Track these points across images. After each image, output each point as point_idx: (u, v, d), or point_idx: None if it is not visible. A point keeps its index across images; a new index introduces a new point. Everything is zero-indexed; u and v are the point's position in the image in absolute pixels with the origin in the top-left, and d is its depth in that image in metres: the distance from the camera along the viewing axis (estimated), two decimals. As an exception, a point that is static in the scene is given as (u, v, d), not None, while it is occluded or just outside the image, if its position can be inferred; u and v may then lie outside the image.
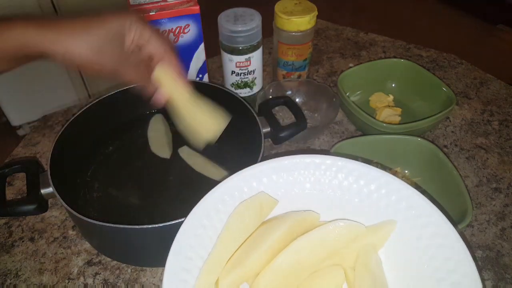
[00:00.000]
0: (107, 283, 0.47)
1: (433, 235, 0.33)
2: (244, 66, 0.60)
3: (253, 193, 0.38)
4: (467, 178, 0.58)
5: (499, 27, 2.05)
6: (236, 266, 0.34)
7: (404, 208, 0.35)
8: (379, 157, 0.56)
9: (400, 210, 0.35)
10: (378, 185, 0.36)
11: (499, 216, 0.53)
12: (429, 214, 0.33)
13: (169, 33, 0.55)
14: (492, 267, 0.48)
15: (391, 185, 0.35)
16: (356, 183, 0.37)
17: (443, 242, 0.32)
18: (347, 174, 0.37)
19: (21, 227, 0.53)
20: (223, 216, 0.36)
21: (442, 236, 0.32)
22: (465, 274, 0.30)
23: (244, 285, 0.36)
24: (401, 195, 0.35)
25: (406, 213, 0.34)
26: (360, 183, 0.37)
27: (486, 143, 0.63)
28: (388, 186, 0.35)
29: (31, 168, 0.47)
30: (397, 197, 0.35)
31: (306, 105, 0.67)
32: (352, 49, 0.82)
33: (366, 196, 0.36)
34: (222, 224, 0.36)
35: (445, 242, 0.32)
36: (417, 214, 0.34)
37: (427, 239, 0.33)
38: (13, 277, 0.48)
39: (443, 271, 0.31)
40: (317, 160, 0.37)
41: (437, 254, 0.32)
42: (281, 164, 0.38)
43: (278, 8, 0.62)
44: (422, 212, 0.34)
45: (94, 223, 0.40)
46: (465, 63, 0.78)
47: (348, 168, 0.37)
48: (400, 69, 0.68)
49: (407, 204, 0.34)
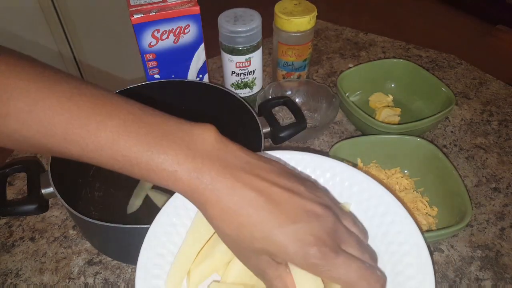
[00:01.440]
0: (107, 283, 0.47)
1: (384, 213, 0.36)
2: (244, 66, 0.61)
3: None
4: (466, 178, 0.58)
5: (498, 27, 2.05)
6: (206, 257, 0.35)
7: (357, 191, 0.38)
8: (378, 157, 0.56)
9: (353, 193, 0.38)
10: (333, 173, 0.39)
11: (498, 216, 0.53)
12: (379, 195, 0.37)
13: (169, 33, 0.56)
14: (491, 267, 0.48)
15: (344, 172, 0.38)
16: (313, 173, 0.39)
17: (393, 218, 0.35)
18: (305, 166, 0.39)
19: (21, 227, 0.53)
20: (191, 213, 0.37)
21: (392, 213, 0.36)
22: (414, 244, 0.34)
23: (215, 275, 0.37)
24: (354, 180, 0.38)
25: (359, 196, 0.37)
26: (316, 173, 0.39)
27: (485, 143, 0.63)
28: (342, 174, 0.38)
29: (31, 167, 0.47)
30: (350, 182, 0.38)
31: (306, 105, 0.67)
32: (352, 50, 0.82)
33: (323, 184, 0.39)
34: (191, 221, 0.37)
35: (395, 218, 0.35)
36: (369, 196, 0.37)
37: (380, 217, 0.36)
38: (14, 276, 0.48)
39: (395, 244, 0.34)
40: (277, 155, 0.39)
41: (389, 229, 0.35)
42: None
43: (278, 9, 0.62)
44: (373, 193, 0.37)
45: (95, 222, 0.41)
46: (465, 63, 0.78)
47: (306, 160, 0.39)
48: (399, 69, 0.68)
49: (359, 188, 0.38)
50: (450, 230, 0.44)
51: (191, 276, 0.35)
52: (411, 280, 0.33)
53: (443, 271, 0.48)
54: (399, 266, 0.34)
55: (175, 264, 0.34)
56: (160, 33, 0.55)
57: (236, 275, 0.35)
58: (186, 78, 0.62)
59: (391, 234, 0.35)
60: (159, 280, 0.33)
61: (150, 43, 0.56)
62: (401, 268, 0.33)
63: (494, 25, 2.06)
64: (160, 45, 0.56)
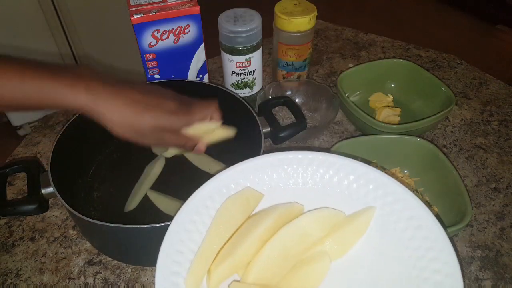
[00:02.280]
0: (107, 283, 0.47)
1: (410, 217, 0.35)
2: (244, 66, 0.61)
3: (240, 189, 0.39)
4: (466, 178, 0.58)
5: (498, 27, 2.05)
6: (227, 256, 0.35)
7: (381, 195, 0.37)
8: (378, 157, 0.56)
9: (378, 197, 0.37)
10: (357, 176, 0.38)
11: (498, 216, 0.53)
12: (405, 198, 0.36)
13: (169, 33, 0.56)
14: (491, 267, 0.48)
15: (368, 175, 0.38)
16: (336, 175, 0.39)
17: (420, 223, 0.34)
18: (328, 168, 0.39)
19: (21, 226, 0.53)
20: (212, 212, 0.38)
21: (418, 218, 0.35)
22: (441, 250, 0.33)
23: (235, 276, 0.37)
24: (378, 183, 0.37)
25: (383, 200, 0.37)
26: (340, 175, 0.39)
27: (485, 143, 0.63)
28: (366, 176, 0.38)
29: (31, 168, 0.47)
30: (374, 185, 0.37)
31: (306, 105, 0.67)
32: (352, 50, 0.82)
33: (346, 187, 0.39)
34: (211, 219, 0.37)
35: (422, 223, 0.34)
36: (394, 200, 0.36)
37: (405, 221, 0.35)
38: (14, 276, 0.48)
39: (422, 250, 0.34)
40: (299, 156, 0.40)
41: (415, 235, 0.34)
42: (266, 161, 0.40)
43: (278, 9, 0.62)
44: (399, 197, 0.36)
45: (95, 222, 0.41)
46: (465, 63, 0.78)
47: (329, 162, 0.39)
48: (399, 70, 0.68)
49: (384, 191, 0.37)
50: (450, 230, 0.44)
51: (211, 276, 0.35)
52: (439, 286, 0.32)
53: (443, 271, 0.48)
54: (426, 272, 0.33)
55: (195, 263, 0.35)
56: (160, 33, 0.55)
57: (256, 276, 0.35)
58: (186, 78, 0.62)
59: (418, 240, 0.34)
60: (179, 278, 0.34)
61: (150, 43, 0.56)
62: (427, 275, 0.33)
63: (494, 25, 2.06)
64: (160, 45, 0.56)
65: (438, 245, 0.33)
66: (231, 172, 0.39)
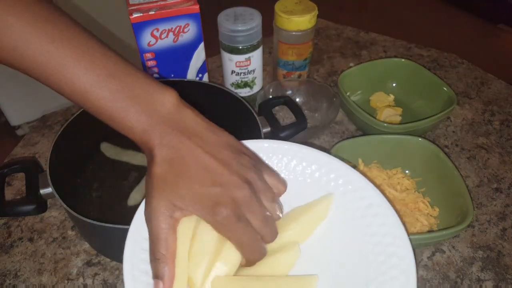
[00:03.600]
0: (106, 284, 0.47)
1: (369, 205, 0.37)
2: (244, 65, 0.60)
3: None
4: (468, 178, 0.58)
5: (500, 26, 2.04)
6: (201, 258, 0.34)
7: (342, 183, 0.39)
8: (379, 157, 0.55)
9: (338, 185, 0.39)
10: (319, 165, 0.40)
11: (500, 216, 0.53)
12: (363, 187, 0.38)
13: (168, 32, 0.55)
14: (493, 268, 0.48)
15: (330, 165, 0.39)
16: (300, 164, 0.40)
17: (377, 211, 0.36)
18: (292, 157, 0.40)
19: (20, 227, 0.53)
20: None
21: (376, 205, 0.37)
22: (396, 236, 0.35)
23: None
24: (339, 173, 0.39)
25: (344, 188, 0.38)
26: (303, 164, 0.40)
27: (487, 143, 0.63)
28: (328, 166, 0.39)
29: (30, 168, 0.47)
30: (336, 175, 0.39)
31: (307, 105, 0.67)
32: (353, 49, 0.82)
33: (309, 175, 0.40)
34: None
35: (379, 210, 0.36)
36: (353, 188, 0.38)
37: (364, 209, 0.37)
38: (12, 277, 0.47)
39: (378, 236, 0.35)
40: (265, 145, 0.40)
41: (373, 222, 0.36)
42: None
43: (278, 7, 0.61)
44: (358, 185, 0.38)
45: (94, 223, 0.40)
46: (466, 63, 0.78)
47: (293, 151, 0.40)
48: (401, 69, 0.68)
49: (344, 180, 0.39)
50: (452, 230, 0.44)
51: (194, 281, 0.33)
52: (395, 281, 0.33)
53: (445, 271, 0.48)
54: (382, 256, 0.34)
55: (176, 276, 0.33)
56: (159, 32, 0.55)
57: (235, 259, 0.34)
58: (186, 77, 0.61)
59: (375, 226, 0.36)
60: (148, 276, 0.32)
61: (149, 42, 0.55)
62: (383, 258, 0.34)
63: (496, 24, 2.06)
64: (160, 44, 0.56)
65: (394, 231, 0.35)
66: None
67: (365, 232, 0.36)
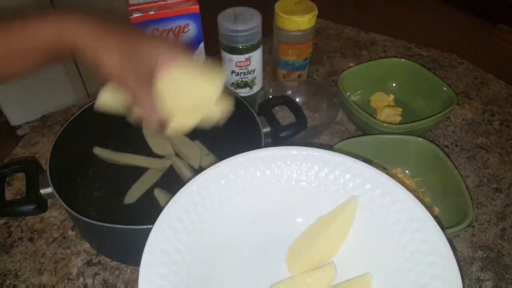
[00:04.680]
0: (106, 284, 0.47)
1: (401, 210, 0.35)
2: (244, 65, 0.60)
3: (231, 185, 0.38)
4: (467, 178, 0.58)
5: (500, 26, 2.04)
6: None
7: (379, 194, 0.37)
8: (379, 157, 0.55)
9: (375, 197, 0.37)
10: (353, 174, 0.38)
11: (499, 216, 0.53)
12: (393, 191, 0.36)
13: (168, 32, 0.55)
14: (492, 268, 0.48)
15: (365, 175, 0.38)
16: (332, 173, 0.38)
17: (411, 215, 0.35)
18: (323, 165, 0.39)
19: (20, 227, 0.53)
20: (200, 209, 0.37)
21: (408, 209, 0.35)
22: (434, 243, 0.33)
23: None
24: (376, 183, 0.37)
25: (372, 193, 0.37)
26: (335, 173, 0.38)
27: (487, 143, 0.63)
28: (363, 176, 0.38)
29: (30, 168, 0.47)
30: (372, 185, 0.37)
31: (307, 105, 0.67)
32: (353, 49, 0.82)
33: (341, 185, 0.38)
34: (199, 217, 0.36)
35: (413, 215, 0.35)
36: (384, 192, 0.36)
37: (396, 213, 0.35)
38: (13, 277, 0.47)
39: (414, 243, 0.34)
40: (293, 152, 0.39)
41: (407, 227, 0.34)
42: (258, 156, 0.39)
43: (278, 7, 0.61)
44: (388, 190, 0.36)
45: (94, 223, 0.40)
46: (466, 63, 0.78)
47: (325, 159, 0.38)
48: (400, 69, 0.68)
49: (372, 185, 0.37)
50: (451, 230, 0.44)
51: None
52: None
53: (444, 272, 0.48)
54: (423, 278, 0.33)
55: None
56: (159, 32, 0.55)
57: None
58: (186, 77, 0.61)
59: (410, 232, 0.34)
60: (164, 280, 0.32)
61: (150, 42, 0.55)
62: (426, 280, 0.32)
63: (495, 24, 2.05)
64: (160, 44, 0.56)
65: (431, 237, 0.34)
66: (220, 168, 0.38)
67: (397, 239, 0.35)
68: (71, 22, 0.36)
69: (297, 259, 0.38)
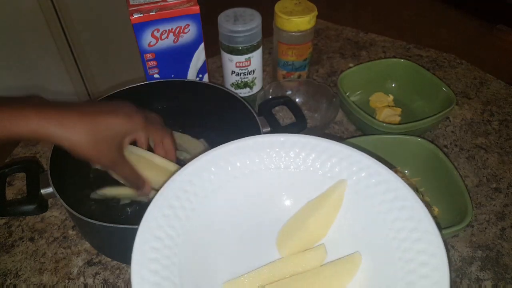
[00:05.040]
0: (107, 283, 0.47)
1: (386, 190, 0.36)
2: (244, 66, 0.60)
3: (222, 172, 0.39)
4: (467, 178, 0.58)
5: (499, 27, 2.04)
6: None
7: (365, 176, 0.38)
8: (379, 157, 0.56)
9: (361, 179, 0.38)
10: (340, 158, 0.39)
11: (499, 216, 0.53)
12: (378, 172, 0.37)
13: (169, 33, 0.55)
14: (492, 267, 0.48)
15: (351, 158, 0.38)
16: (319, 158, 0.39)
17: (396, 194, 0.35)
18: (310, 150, 0.39)
19: (21, 227, 0.53)
20: (191, 197, 0.37)
21: (393, 189, 0.36)
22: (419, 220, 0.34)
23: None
24: (361, 165, 0.38)
25: (358, 175, 0.38)
26: (322, 158, 0.39)
27: (486, 143, 0.63)
28: (349, 159, 0.38)
29: (31, 168, 0.47)
30: (358, 167, 0.38)
31: (306, 105, 0.67)
32: (352, 49, 0.82)
33: (328, 169, 0.39)
34: (191, 205, 0.37)
35: (398, 194, 0.35)
36: (369, 174, 0.37)
37: (381, 194, 0.36)
38: (13, 277, 0.48)
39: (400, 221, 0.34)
40: (281, 139, 0.39)
41: (392, 206, 0.35)
42: (247, 144, 0.40)
43: (278, 8, 0.62)
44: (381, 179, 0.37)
45: (94, 223, 0.40)
46: (465, 63, 0.78)
47: (311, 144, 0.39)
48: (400, 69, 0.68)
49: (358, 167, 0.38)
50: (451, 230, 0.44)
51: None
52: (425, 279, 0.32)
53: (444, 271, 0.48)
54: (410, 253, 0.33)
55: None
56: (159, 32, 0.55)
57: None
58: (186, 78, 0.61)
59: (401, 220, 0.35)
60: (156, 276, 0.32)
61: (150, 43, 0.56)
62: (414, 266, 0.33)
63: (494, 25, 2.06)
64: (160, 44, 0.56)
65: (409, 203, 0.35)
66: (211, 156, 0.38)
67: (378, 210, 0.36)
68: (31, 111, 0.36)
69: (287, 242, 0.38)
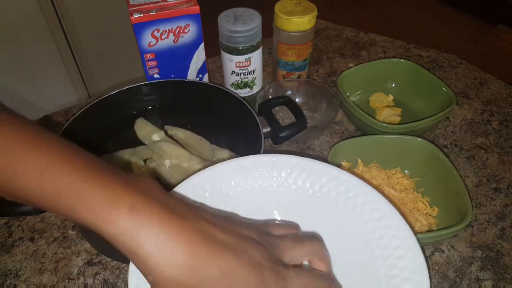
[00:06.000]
0: (107, 283, 0.47)
1: (379, 218, 0.37)
2: (244, 66, 0.60)
3: (215, 191, 0.39)
4: (467, 178, 0.58)
5: (499, 27, 2.05)
6: None
7: (352, 196, 0.39)
8: (378, 157, 0.56)
9: (349, 198, 0.39)
10: (329, 178, 0.40)
11: (499, 216, 0.53)
12: (375, 200, 0.38)
13: (169, 33, 0.55)
14: (492, 267, 0.48)
15: (340, 177, 0.40)
16: (309, 178, 0.40)
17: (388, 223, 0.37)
18: (301, 171, 0.40)
19: (21, 227, 0.53)
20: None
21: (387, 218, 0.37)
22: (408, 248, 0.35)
23: None
24: (348, 186, 0.39)
25: (354, 201, 0.39)
26: (312, 178, 0.40)
27: (486, 143, 0.63)
28: (338, 179, 0.40)
29: (31, 168, 0.47)
30: (345, 188, 0.39)
31: (306, 105, 0.67)
32: (352, 49, 0.82)
33: (318, 189, 0.40)
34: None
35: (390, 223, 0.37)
36: (363, 201, 0.39)
37: (375, 222, 0.38)
38: (13, 277, 0.48)
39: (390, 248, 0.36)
40: (274, 159, 0.41)
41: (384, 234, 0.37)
42: (241, 163, 0.41)
43: (278, 8, 0.62)
44: (368, 199, 0.38)
45: (94, 223, 0.40)
46: (465, 63, 0.78)
47: (301, 165, 0.40)
48: (400, 69, 0.68)
49: (354, 193, 0.39)
50: (451, 230, 0.44)
51: None
52: (407, 282, 0.34)
53: (444, 271, 0.48)
54: (394, 270, 0.35)
55: None
56: (159, 32, 0.55)
57: None
58: (186, 78, 0.61)
59: (387, 238, 0.36)
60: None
61: (150, 43, 0.56)
62: (396, 272, 0.35)
63: (494, 25, 2.06)
64: (160, 44, 0.56)
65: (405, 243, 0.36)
66: (206, 174, 0.40)
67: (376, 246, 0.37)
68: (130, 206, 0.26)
69: None
